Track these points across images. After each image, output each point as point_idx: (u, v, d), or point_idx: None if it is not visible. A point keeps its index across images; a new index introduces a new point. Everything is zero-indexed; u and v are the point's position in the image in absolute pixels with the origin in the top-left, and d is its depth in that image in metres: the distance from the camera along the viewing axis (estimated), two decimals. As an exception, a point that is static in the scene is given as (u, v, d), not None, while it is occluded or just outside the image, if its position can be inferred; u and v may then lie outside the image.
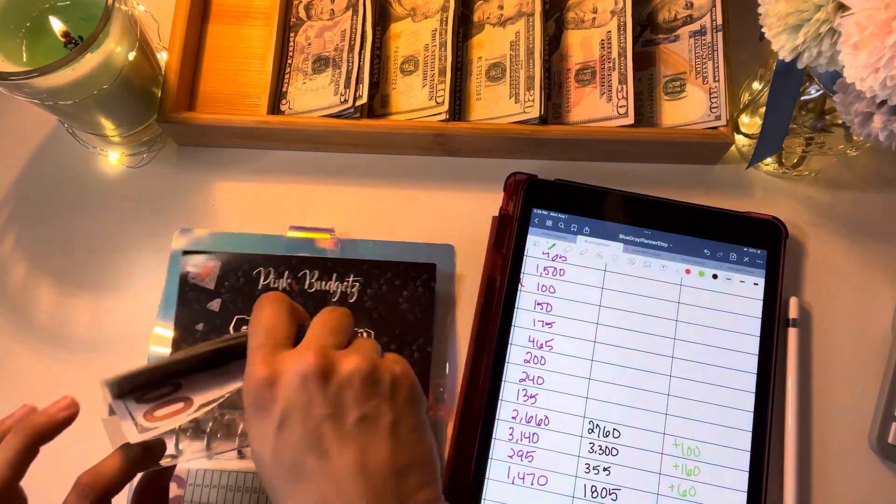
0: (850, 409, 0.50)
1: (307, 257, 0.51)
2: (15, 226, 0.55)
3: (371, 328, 0.50)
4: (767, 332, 0.49)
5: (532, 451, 0.47)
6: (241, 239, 0.53)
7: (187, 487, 0.47)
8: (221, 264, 0.51)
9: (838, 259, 0.53)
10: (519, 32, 0.54)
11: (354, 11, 0.55)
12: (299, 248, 0.52)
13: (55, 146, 0.57)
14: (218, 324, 0.50)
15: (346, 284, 0.50)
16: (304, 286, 0.50)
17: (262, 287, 0.50)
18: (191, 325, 0.50)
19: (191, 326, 0.50)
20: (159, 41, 0.57)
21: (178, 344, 0.49)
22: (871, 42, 0.35)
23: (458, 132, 0.52)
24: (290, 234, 0.53)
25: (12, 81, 0.44)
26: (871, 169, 0.55)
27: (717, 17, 0.53)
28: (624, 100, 0.52)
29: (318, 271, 0.51)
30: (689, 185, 0.55)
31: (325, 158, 0.56)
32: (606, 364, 0.49)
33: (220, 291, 0.50)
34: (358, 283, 0.50)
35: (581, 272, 0.51)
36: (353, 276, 0.50)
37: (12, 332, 0.53)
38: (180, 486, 0.47)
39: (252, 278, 0.50)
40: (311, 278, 0.50)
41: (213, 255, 0.51)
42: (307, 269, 0.50)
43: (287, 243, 0.52)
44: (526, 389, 0.48)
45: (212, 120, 0.53)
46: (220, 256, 0.51)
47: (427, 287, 0.50)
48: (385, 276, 0.51)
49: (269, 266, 0.51)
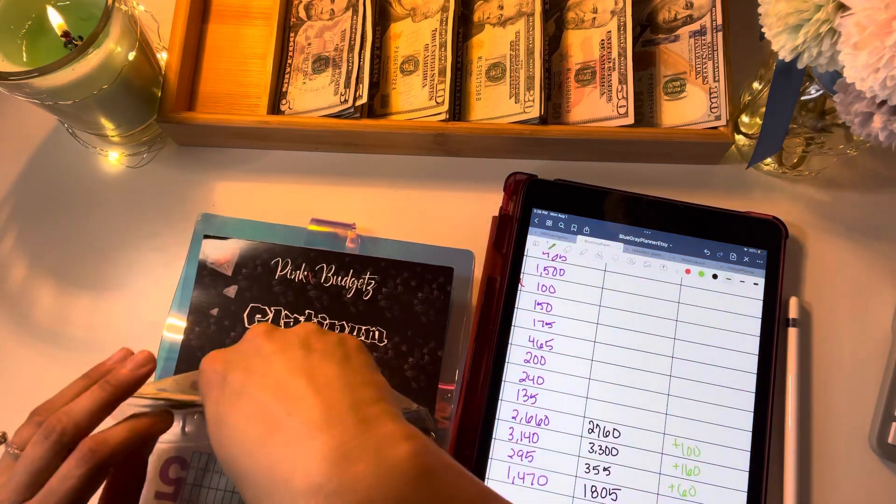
0: (850, 409, 0.50)
1: (326, 251, 0.51)
2: (15, 226, 0.55)
3: (383, 327, 0.50)
4: (767, 332, 0.49)
5: (532, 451, 0.47)
6: (262, 228, 0.53)
7: (190, 470, 0.47)
8: (240, 251, 0.51)
9: (838, 259, 0.53)
10: (519, 32, 0.54)
11: (354, 11, 0.55)
12: (319, 241, 0.52)
13: (55, 146, 0.57)
14: (232, 310, 0.50)
15: (361, 281, 0.50)
16: (320, 279, 0.50)
17: (279, 277, 0.50)
18: (206, 310, 0.50)
19: (206, 311, 0.50)
20: (159, 41, 0.57)
21: (192, 328, 0.49)
22: (871, 42, 0.35)
23: (458, 132, 0.52)
24: (312, 228, 0.53)
25: (12, 81, 0.44)
26: (871, 169, 0.55)
27: (717, 17, 0.53)
28: (624, 100, 0.52)
29: (336, 266, 0.51)
30: (689, 185, 0.55)
31: (325, 159, 0.56)
32: (606, 364, 0.49)
33: (238, 278, 0.50)
34: (374, 281, 0.50)
35: (581, 272, 0.51)
36: (369, 274, 0.50)
37: (12, 332, 0.53)
38: (183, 469, 0.48)
39: (270, 268, 0.51)
40: (328, 272, 0.50)
41: (233, 241, 0.52)
42: (324, 263, 0.51)
43: (308, 236, 0.53)
44: (526, 389, 0.48)
45: (212, 120, 0.53)
46: (239, 243, 0.51)
47: (443, 290, 0.50)
48: (401, 276, 0.50)
49: (287, 257, 0.51)
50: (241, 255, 0.51)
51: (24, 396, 0.51)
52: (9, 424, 0.51)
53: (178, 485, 0.47)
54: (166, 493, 0.47)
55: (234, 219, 0.53)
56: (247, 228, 0.53)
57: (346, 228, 0.53)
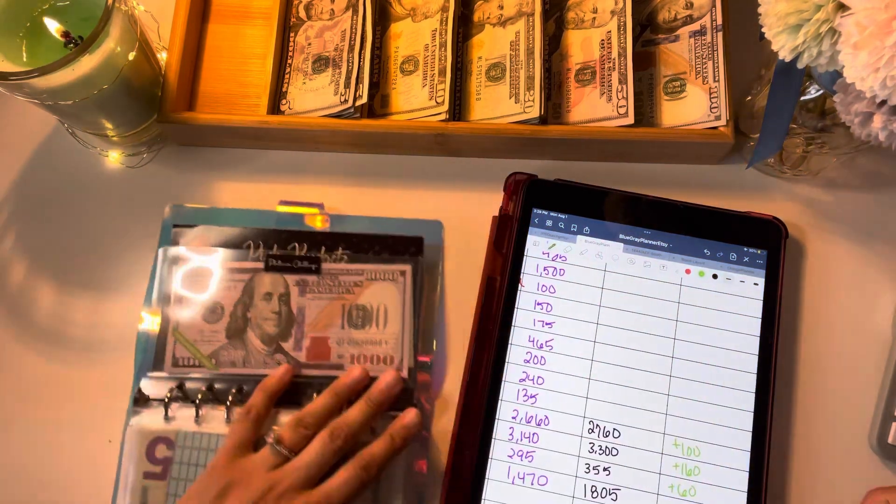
0: (850, 409, 0.50)
1: (296, 231, 0.52)
2: (15, 225, 0.55)
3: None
4: (767, 332, 0.49)
5: (532, 450, 0.47)
6: (231, 214, 0.54)
7: (176, 449, 0.48)
8: (211, 237, 0.52)
9: (838, 259, 0.53)
10: (519, 32, 0.54)
11: (354, 11, 0.55)
12: (290, 223, 0.53)
13: (55, 146, 0.57)
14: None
15: (334, 256, 0.51)
16: (292, 259, 0.52)
17: (251, 258, 0.51)
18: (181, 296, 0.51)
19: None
20: (159, 41, 0.57)
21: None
22: (871, 42, 0.35)
23: (458, 132, 0.52)
24: (281, 209, 0.53)
25: (12, 81, 0.44)
26: (871, 169, 0.55)
27: (717, 17, 0.53)
28: (624, 100, 0.52)
29: (308, 244, 0.52)
30: (689, 185, 0.55)
31: (325, 159, 0.56)
32: (606, 364, 0.49)
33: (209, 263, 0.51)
34: (346, 256, 0.51)
35: (581, 272, 0.51)
36: (341, 249, 0.51)
37: (12, 332, 0.53)
38: (170, 448, 0.48)
39: (242, 251, 0.51)
40: (301, 251, 0.51)
41: (203, 227, 0.52)
42: (296, 242, 0.51)
43: (278, 218, 0.53)
44: (526, 389, 0.48)
45: (212, 120, 0.53)
46: (210, 229, 0.52)
47: (414, 260, 0.51)
48: (373, 250, 0.52)
49: (258, 239, 0.52)
50: (211, 242, 0.52)
51: (24, 396, 0.52)
52: (9, 423, 0.51)
53: (165, 464, 0.48)
54: (154, 473, 0.48)
55: (202, 208, 0.54)
56: (216, 215, 0.54)
57: (314, 207, 0.53)
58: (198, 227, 0.52)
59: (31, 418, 0.51)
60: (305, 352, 0.50)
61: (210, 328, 0.50)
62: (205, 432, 0.48)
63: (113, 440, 0.49)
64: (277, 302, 0.51)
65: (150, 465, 0.47)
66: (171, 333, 0.50)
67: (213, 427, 0.48)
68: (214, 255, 0.52)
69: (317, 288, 0.51)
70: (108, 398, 0.50)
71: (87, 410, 0.51)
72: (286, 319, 0.51)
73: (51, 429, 0.50)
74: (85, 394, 0.51)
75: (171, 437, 0.48)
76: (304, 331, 0.50)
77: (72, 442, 0.50)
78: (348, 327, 0.50)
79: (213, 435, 0.48)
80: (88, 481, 0.49)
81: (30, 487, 0.50)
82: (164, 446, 0.48)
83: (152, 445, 0.48)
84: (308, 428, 0.44)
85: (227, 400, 0.48)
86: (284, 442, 0.43)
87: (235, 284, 0.51)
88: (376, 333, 0.50)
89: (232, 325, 0.50)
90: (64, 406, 0.51)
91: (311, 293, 0.51)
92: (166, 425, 0.48)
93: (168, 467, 0.47)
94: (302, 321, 0.51)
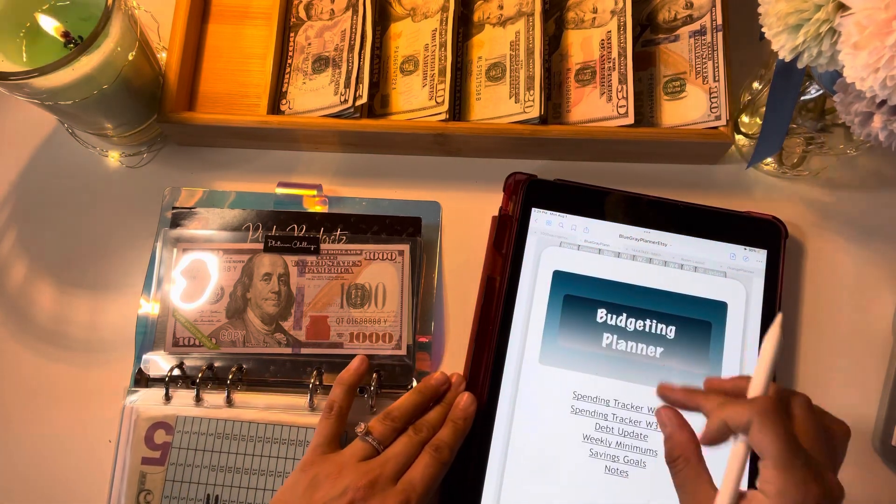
0: (852, 411, 0.50)
1: (295, 212, 0.53)
2: (15, 225, 0.55)
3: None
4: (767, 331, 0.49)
5: (532, 450, 0.47)
6: (230, 197, 0.54)
7: (175, 434, 0.48)
8: (210, 220, 0.52)
9: (838, 259, 0.53)
10: (519, 32, 0.54)
11: (354, 11, 0.55)
12: (288, 205, 0.54)
13: (55, 146, 0.57)
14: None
15: (333, 237, 0.51)
16: (290, 240, 0.52)
17: (251, 240, 0.52)
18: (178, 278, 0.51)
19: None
20: (159, 41, 0.57)
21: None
22: (871, 42, 0.35)
23: (458, 132, 0.52)
24: (280, 191, 0.54)
25: (12, 81, 0.44)
26: (871, 169, 0.55)
27: (717, 17, 0.53)
28: (624, 100, 0.52)
29: (307, 225, 0.52)
30: (689, 185, 0.55)
31: (325, 159, 0.56)
32: (606, 362, 0.48)
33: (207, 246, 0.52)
34: (345, 237, 0.52)
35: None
36: (340, 230, 0.52)
37: (12, 332, 0.53)
38: (168, 433, 0.48)
39: (241, 233, 0.52)
40: (299, 232, 0.52)
41: (202, 210, 0.53)
42: (295, 224, 0.52)
43: (276, 200, 0.54)
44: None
45: (212, 120, 0.53)
46: (209, 212, 0.53)
47: (413, 240, 0.52)
48: (371, 230, 0.52)
49: (257, 221, 0.52)
50: (210, 224, 0.52)
51: (25, 396, 0.52)
52: (9, 423, 0.51)
53: (164, 449, 0.48)
54: (153, 459, 0.48)
55: (201, 190, 0.55)
56: (215, 198, 0.54)
57: (312, 189, 0.54)
58: (197, 209, 0.53)
59: (31, 418, 0.51)
60: (305, 331, 0.50)
61: (210, 308, 0.51)
62: (204, 417, 0.48)
63: (113, 440, 0.49)
64: (277, 282, 0.51)
65: (149, 450, 0.48)
66: (172, 314, 0.50)
67: (213, 411, 0.48)
68: (214, 237, 0.52)
69: (316, 268, 0.51)
70: (109, 398, 0.50)
71: (87, 410, 0.51)
72: (286, 299, 0.51)
73: (51, 428, 0.51)
74: (85, 393, 0.51)
75: (171, 422, 0.48)
76: (304, 310, 0.51)
77: (72, 441, 0.50)
78: (347, 306, 0.51)
79: (213, 420, 0.48)
80: (88, 481, 0.49)
81: (30, 487, 0.50)
82: (163, 431, 0.48)
83: (151, 431, 0.48)
84: (395, 421, 0.45)
85: (227, 378, 0.49)
86: (374, 434, 0.45)
87: (235, 265, 0.51)
88: (375, 312, 0.51)
89: (232, 305, 0.51)
90: (64, 406, 0.51)
91: (310, 273, 0.51)
92: (166, 408, 0.48)
93: (167, 452, 0.48)
94: (301, 301, 0.51)
